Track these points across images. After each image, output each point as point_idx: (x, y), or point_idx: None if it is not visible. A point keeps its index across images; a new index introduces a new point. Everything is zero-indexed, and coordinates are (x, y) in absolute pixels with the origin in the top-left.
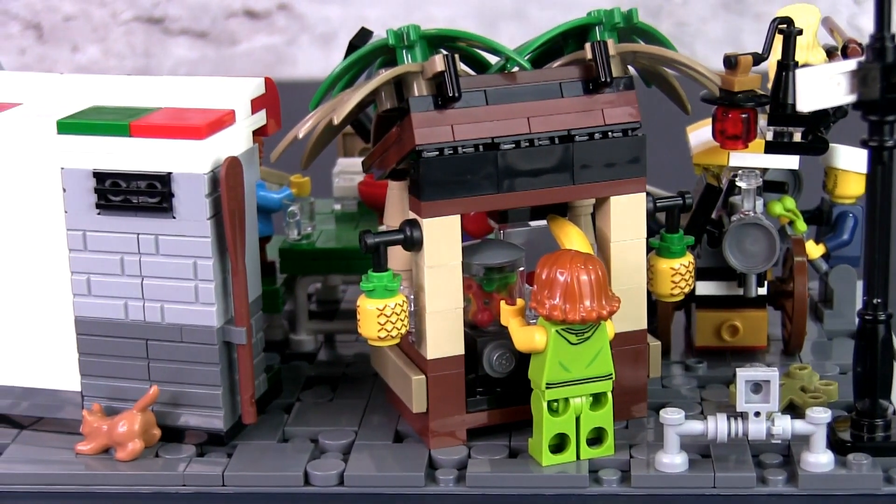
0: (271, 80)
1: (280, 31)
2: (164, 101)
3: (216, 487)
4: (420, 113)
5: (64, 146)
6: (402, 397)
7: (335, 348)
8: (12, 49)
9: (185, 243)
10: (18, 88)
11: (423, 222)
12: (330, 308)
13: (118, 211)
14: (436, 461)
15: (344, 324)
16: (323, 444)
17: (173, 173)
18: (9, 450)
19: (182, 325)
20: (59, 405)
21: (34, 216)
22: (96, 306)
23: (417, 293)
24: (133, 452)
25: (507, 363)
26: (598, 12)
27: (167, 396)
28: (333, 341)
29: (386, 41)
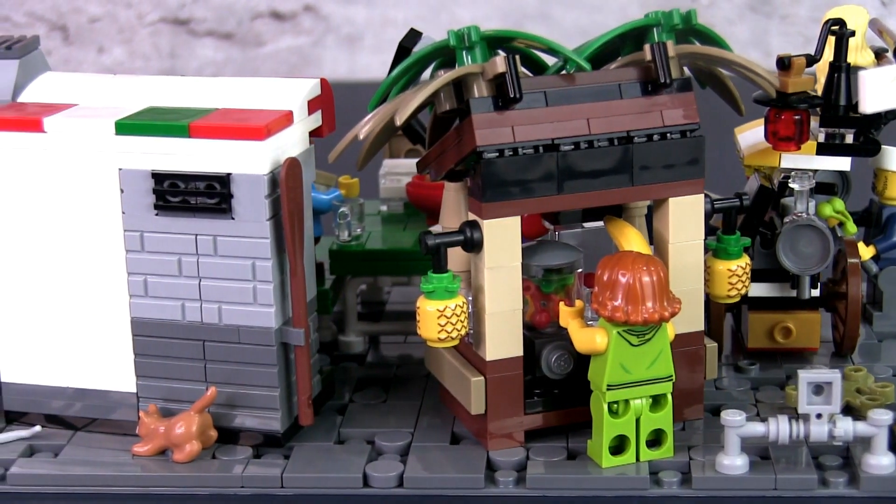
0: (327, 81)
1: (306, 32)
2: (220, 101)
3: (275, 489)
4: (481, 114)
5: (122, 147)
6: (460, 399)
7: (380, 349)
8: None
9: (244, 244)
10: (72, 89)
11: (483, 224)
12: (375, 309)
13: (176, 212)
14: (494, 463)
15: (392, 325)
16: (379, 446)
17: (233, 174)
18: (65, 451)
19: (240, 326)
20: (113, 406)
21: (91, 217)
22: (153, 307)
23: (476, 294)
24: (190, 454)
25: (565, 364)
26: (656, 14)
27: (223, 398)
28: (378, 342)
29: (446, 42)
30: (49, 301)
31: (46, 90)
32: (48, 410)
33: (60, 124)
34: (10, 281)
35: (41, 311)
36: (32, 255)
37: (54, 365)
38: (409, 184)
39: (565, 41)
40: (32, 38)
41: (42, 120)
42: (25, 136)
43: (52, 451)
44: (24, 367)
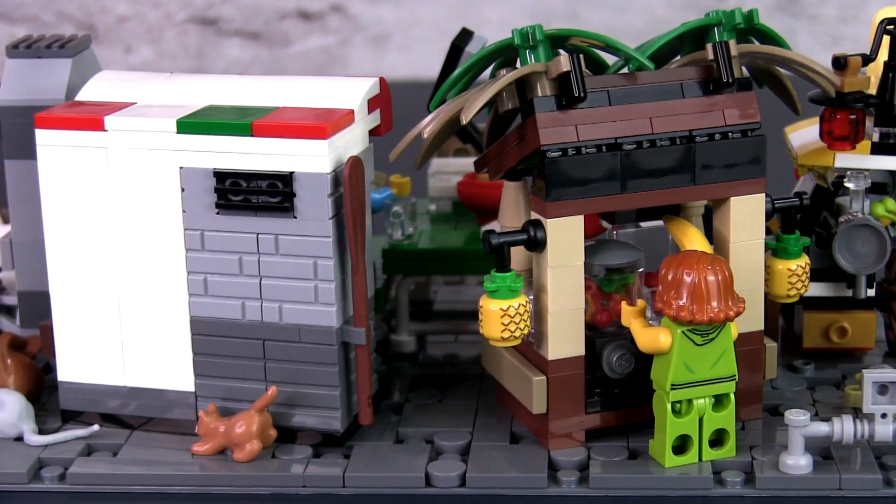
0: (385, 80)
1: (333, 31)
2: (280, 100)
3: (336, 489)
4: (545, 113)
5: (183, 145)
6: (520, 398)
7: (429, 349)
8: None
9: (306, 243)
10: (129, 88)
11: (547, 223)
12: (422, 309)
13: (237, 210)
14: (555, 462)
15: (444, 324)
16: (439, 446)
17: (296, 173)
18: (123, 450)
19: (300, 325)
20: (169, 405)
21: (151, 216)
22: (213, 306)
23: (538, 294)
24: (251, 453)
25: (626, 364)
26: (717, 13)
27: (282, 397)
28: (425, 341)
29: (509, 41)
30: (108, 300)
31: (103, 89)
32: (104, 409)
33: (121, 123)
34: (68, 280)
35: (99, 310)
36: (91, 253)
37: (111, 364)
38: (461, 183)
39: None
40: (84, 37)
41: (103, 118)
42: (86, 134)
43: (110, 450)
44: (81, 366)
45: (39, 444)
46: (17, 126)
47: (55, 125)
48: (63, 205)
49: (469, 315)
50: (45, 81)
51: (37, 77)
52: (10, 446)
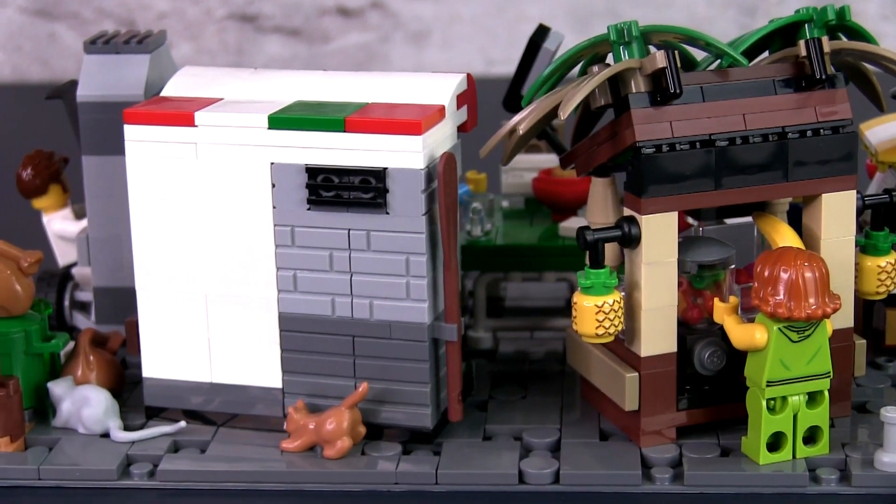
0: (472, 76)
1: (373, 28)
2: (368, 96)
3: (429, 486)
4: (639, 109)
5: (275, 141)
6: (611, 395)
7: (503, 345)
8: None
9: (399, 239)
10: (214, 83)
11: (641, 219)
12: (493, 305)
13: (329, 206)
14: (648, 459)
15: (522, 321)
16: (528, 443)
17: (389, 168)
18: (211, 447)
19: (391, 321)
20: (254, 402)
21: (241, 211)
22: (302, 303)
23: (631, 290)
24: (342, 450)
25: (718, 361)
26: (808, 10)
27: (372, 393)
28: (498, 338)
29: (603, 37)
30: (195, 296)
31: (188, 84)
32: (187, 406)
33: (212, 118)
34: (154, 276)
35: (186, 306)
36: (179, 250)
37: (197, 361)
38: (536, 179)
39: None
40: (160, 33)
41: (193, 114)
42: (176, 130)
43: (197, 446)
44: (166, 362)
45: (126, 440)
46: (95, 122)
47: (144, 121)
48: (151, 201)
49: (542, 311)
50: (124, 77)
51: (115, 73)
52: (97, 443)
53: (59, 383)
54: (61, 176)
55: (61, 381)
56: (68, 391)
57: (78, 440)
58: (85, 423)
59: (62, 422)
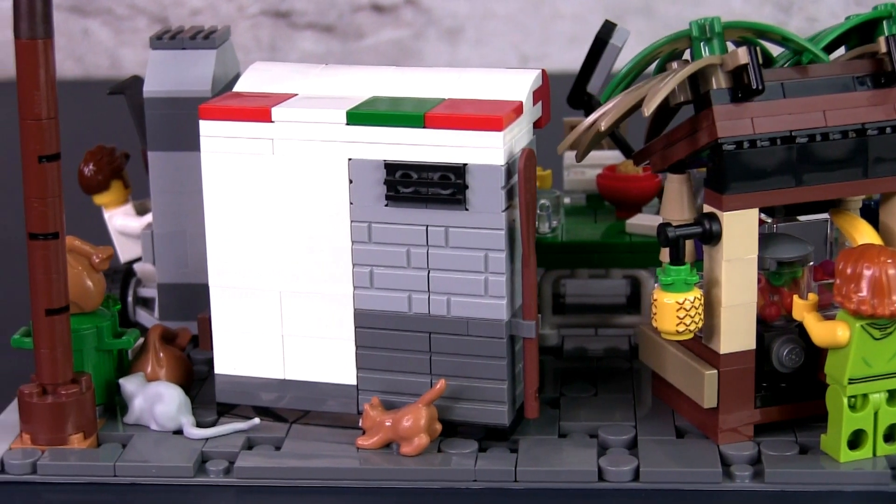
0: (546, 72)
1: (407, 24)
2: (443, 91)
3: (508, 483)
4: (721, 105)
5: (353, 137)
6: (688, 392)
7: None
8: (138, 43)
9: (478, 235)
10: (286, 79)
11: (723, 216)
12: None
13: (407, 202)
14: (726, 457)
15: (588, 318)
16: (604, 440)
17: (469, 164)
18: (286, 444)
19: (469, 318)
20: (328, 398)
21: (317, 207)
22: (378, 299)
23: (710, 287)
24: (419, 447)
25: (796, 358)
26: (887, 6)
27: (448, 390)
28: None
29: (683, 33)
30: (269, 293)
31: (260, 80)
32: (259, 402)
33: (289, 114)
34: (228, 272)
35: (260, 302)
36: (253, 245)
37: (270, 357)
38: (600, 175)
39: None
40: (224, 29)
41: (270, 110)
42: (252, 125)
43: (271, 443)
44: (239, 359)
45: (200, 437)
46: (162, 117)
47: (220, 116)
48: (226, 196)
49: (602, 308)
50: (191, 73)
51: (182, 68)
52: (171, 439)
53: (131, 380)
54: (123, 172)
55: (133, 378)
56: (140, 388)
57: (150, 437)
58: (158, 420)
59: (134, 418)
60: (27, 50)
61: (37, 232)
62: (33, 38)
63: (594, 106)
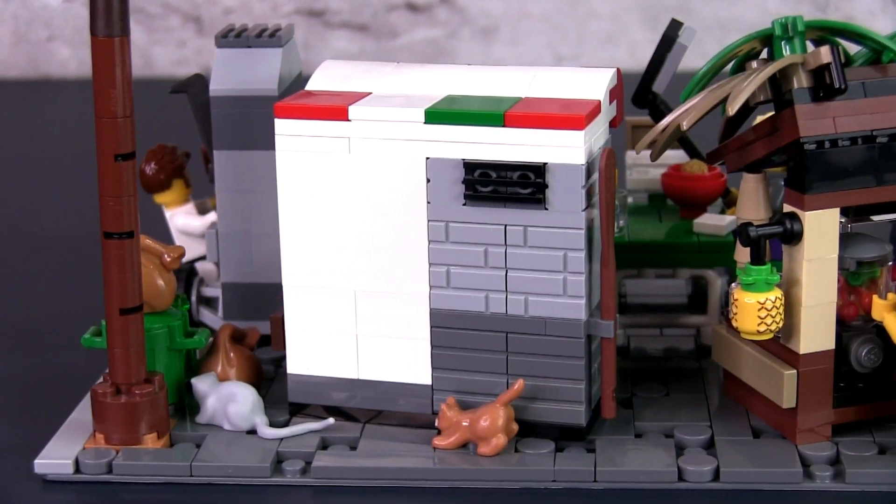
0: (620, 71)
1: (441, 24)
2: (518, 90)
3: (587, 483)
4: (803, 105)
5: (431, 135)
6: (765, 392)
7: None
8: (171, 41)
9: (557, 235)
10: (358, 77)
11: (804, 215)
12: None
13: (485, 202)
14: (805, 457)
15: (654, 318)
16: (681, 440)
17: (549, 164)
18: (361, 444)
19: (546, 317)
20: (401, 398)
21: (393, 207)
22: (454, 298)
23: (790, 287)
24: (497, 447)
25: (875, 358)
26: None
27: (524, 390)
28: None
29: (765, 32)
30: (343, 292)
31: (332, 78)
32: (331, 402)
33: (366, 113)
34: (302, 271)
35: (334, 302)
36: (328, 245)
37: (344, 357)
38: (665, 175)
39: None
40: (288, 27)
41: (347, 108)
42: (329, 124)
43: (346, 443)
44: (312, 358)
45: (274, 437)
46: (228, 116)
47: (296, 115)
48: (300, 195)
49: (665, 308)
50: (257, 71)
51: (248, 67)
52: (245, 439)
53: (203, 379)
54: (184, 171)
55: (205, 378)
56: (213, 387)
57: (223, 436)
58: (231, 420)
59: (207, 418)
60: (103, 48)
61: (111, 231)
62: (110, 36)
63: (659, 105)
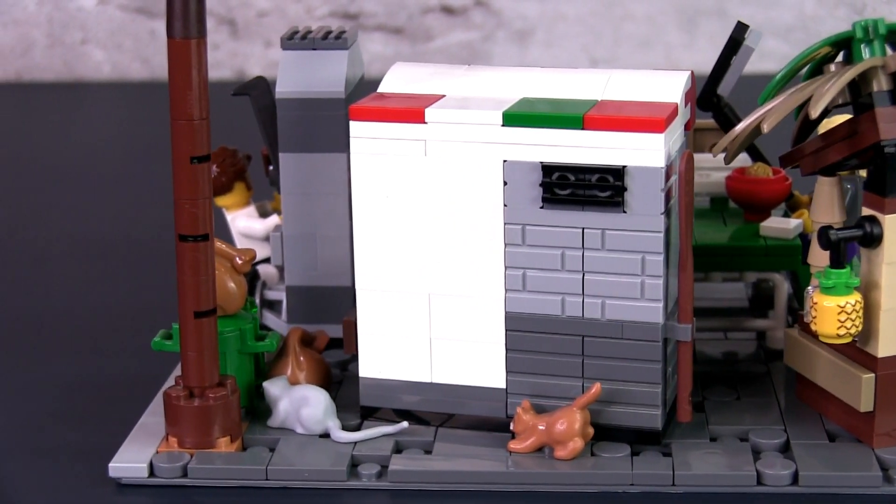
0: (694, 74)
1: (476, 27)
2: (595, 93)
3: (665, 487)
4: (884, 108)
5: (508, 138)
6: (841, 396)
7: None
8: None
9: (636, 238)
10: (430, 80)
11: (884, 219)
12: None
13: (563, 205)
14: (883, 461)
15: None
16: (756, 444)
17: (628, 167)
18: (436, 447)
19: (623, 321)
20: (474, 402)
21: (468, 210)
22: (530, 302)
23: (868, 290)
24: (574, 451)
25: None
26: None
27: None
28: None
29: (844, 35)
30: (417, 295)
31: (404, 81)
32: (402, 406)
33: (443, 115)
34: (376, 275)
35: (408, 305)
36: (403, 248)
37: (417, 360)
38: (730, 178)
39: None
40: (353, 30)
41: (424, 111)
42: (405, 126)
43: (420, 447)
44: (384, 362)
45: (348, 440)
46: (294, 118)
47: (371, 117)
48: (375, 198)
49: (728, 312)
50: (323, 74)
51: (314, 69)
52: (318, 443)
53: (275, 383)
54: (246, 173)
55: (277, 381)
56: (285, 391)
57: (295, 440)
58: (304, 424)
59: (279, 422)
60: (180, 50)
61: (186, 234)
62: (187, 37)
63: (723, 108)
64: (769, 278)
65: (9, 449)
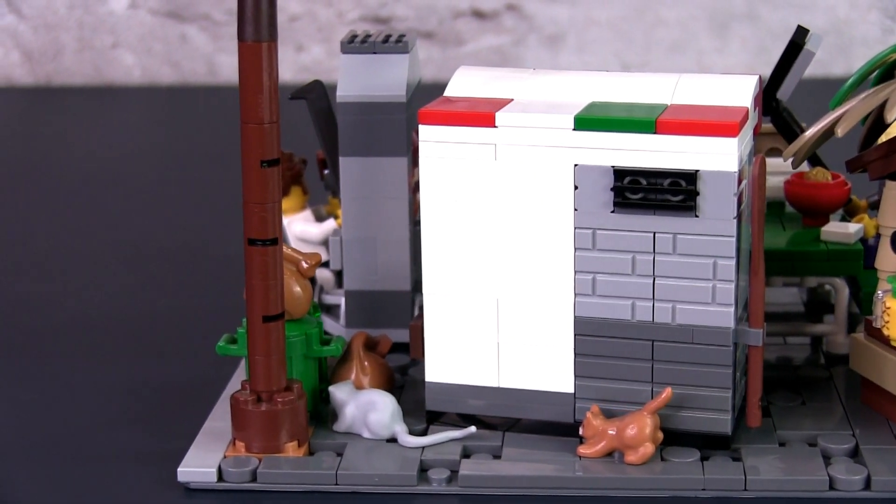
0: (761, 78)
1: (507, 31)
2: (664, 97)
3: (737, 492)
4: None
5: (580, 142)
6: None
7: None
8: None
9: (707, 242)
10: (495, 83)
11: None
12: None
13: (634, 209)
14: None
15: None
16: (826, 448)
17: (700, 171)
18: (505, 452)
19: (694, 325)
20: (542, 406)
21: (538, 214)
22: (600, 306)
23: None
24: (644, 456)
25: None
26: None
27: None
28: None
29: None
30: (486, 300)
31: (470, 84)
32: (468, 410)
33: (514, 119)
34: (444, 279)
35: (476, 309)
36: (471, 251)
37: (484, 364)
38: (788, 182)
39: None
40: (412, 34)
41: (494, 115)
42: (475, 130)
43: (488, 451)
44: (451, 366)
45: (416, 445)
46: (355, 122)
47: (441, 121)
48: (444, 202)
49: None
50: (384, 77)
51: (375, 73)
52: (384, 448)
53: (341, 387)
54: (302, 178)
55: (342, 386)
56: (351, 395)
57: (362, 445)
58: (371, 428)
59: (345, 426)
60: (251, 53)
61: (256, 238)
62: (258, 40)
63: (782, 112)
64: (828, 283)
65: (77, 453)
